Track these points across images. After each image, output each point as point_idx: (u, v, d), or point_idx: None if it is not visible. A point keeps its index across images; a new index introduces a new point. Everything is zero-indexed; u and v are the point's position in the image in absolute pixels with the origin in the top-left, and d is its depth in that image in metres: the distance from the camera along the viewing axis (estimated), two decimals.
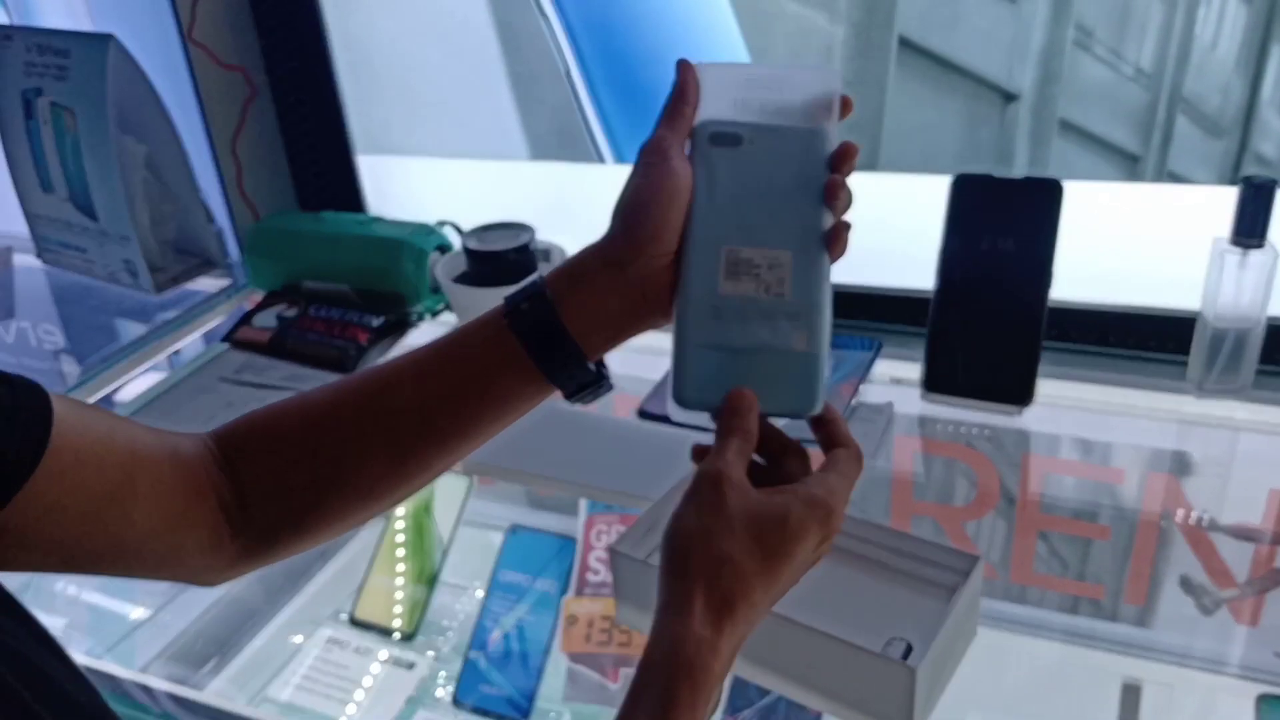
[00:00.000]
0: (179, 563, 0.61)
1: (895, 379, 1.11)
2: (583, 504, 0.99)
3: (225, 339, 1.27)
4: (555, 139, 1.25)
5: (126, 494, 0.57)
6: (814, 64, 1.14)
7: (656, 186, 0.58)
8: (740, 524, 0.53)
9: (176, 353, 1.31)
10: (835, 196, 0.57)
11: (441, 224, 1.30)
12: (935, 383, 1.05)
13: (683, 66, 0.61)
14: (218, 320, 1.34)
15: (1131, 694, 0.83)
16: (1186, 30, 0.97)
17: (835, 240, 0.57)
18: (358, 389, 0.63)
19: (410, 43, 1.29)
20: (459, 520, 1.04)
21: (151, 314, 1.35)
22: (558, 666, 0.92)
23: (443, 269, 1.24)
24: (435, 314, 1.29)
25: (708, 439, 0.57)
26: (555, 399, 0.62)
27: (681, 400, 0.57)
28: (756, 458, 0.58)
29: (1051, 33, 1.01)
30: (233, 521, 0.62)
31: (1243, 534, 0.92)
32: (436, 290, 1.27)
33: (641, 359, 0.96)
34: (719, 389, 0.57)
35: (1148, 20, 0.99)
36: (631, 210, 0.59)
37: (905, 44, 1.06)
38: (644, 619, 0.80)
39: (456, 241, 1.28)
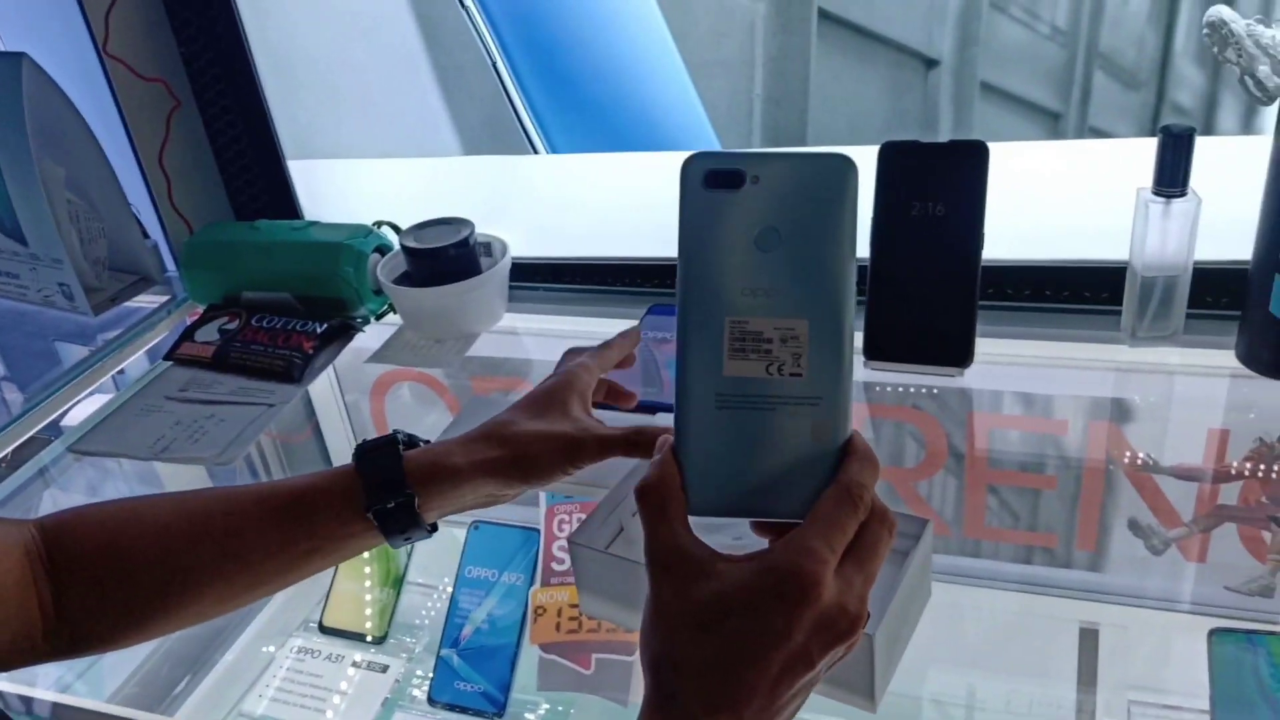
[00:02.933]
0: None
1: None
2: (541, 495, 0.97)
3: (167, 356, 1.21)
4: (486, 131, 1.21)
5: None
6: None
7: (552, 433, 0.63)
8: (688, 616, 0.44)
9: (121, 372, 1.25)
10: None
11: (379, 224, 1.25)
12: (876, 350, 1.03)
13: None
14: (160, 336, 1.29)
15: (1089, 637, 0.83)
16: None
17: None
18: (195, 518, 0.62)
19: (330, 43, 1.23)
20: None
21: (92, 335, 1.29)
22: (530, 658, 0.89)
23: (383, 270, 1.20)
24: (379, 316, 1.24)
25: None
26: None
27: (692, 510, 0.47)
28: None
29: None
30: (48, 622, 0.59)
31: (1185, 474, 0.92)
32: (379, 292, 1.23)
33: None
34: (733, 491, 0.47)
35: None
36: (525, 443, 0.63)
37: (825, 16, 1.03)
38: (607, 608, 0.78)
39: (396, 241, 1.24)
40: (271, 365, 1.15)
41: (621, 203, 1.19)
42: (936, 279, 0.99)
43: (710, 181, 0.46)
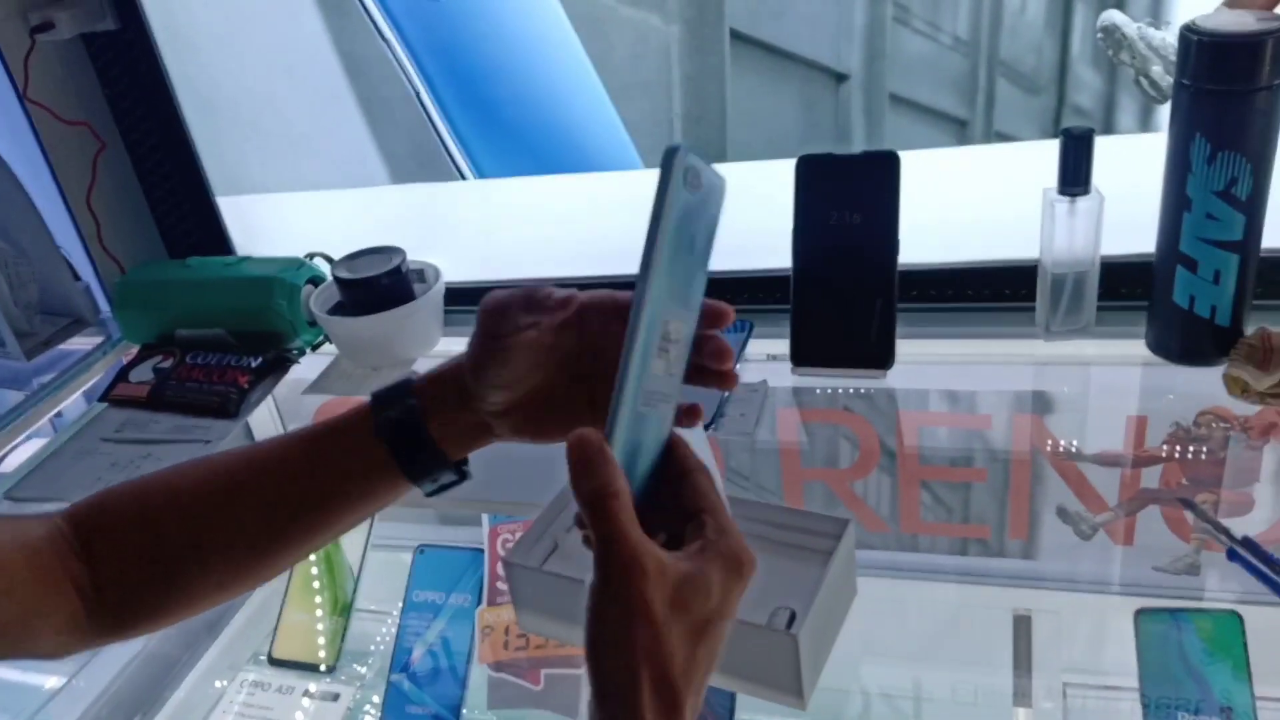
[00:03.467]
0: (32, 647, 0.59)
1: (771, 355, 1.11)
2: (484, 516, 0.97)
3: (102, 398, 1.19)
4: (413, 161, 1.21)
5: None
6: None
7: (514, 349, 0.57)
8: (664, 614, 0.45)
9: (58, 415, 1.23)
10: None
11: (311, 256, 1.24)
12: (802, 356, 1.05)
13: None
14: (96, 378, 1.26)
15: (1023, 623, 0.84)
16: None
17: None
18: (221, 477, 0.61)
19: (254, 80, 1.23)
20: (367, 546, 1.00)
21: (26, 380, 1.27)
22: (481, 677, 0.89)
23: (317, 301, 1.19)
24: (315, 347, 1.23)
25: None
26: None
27: None
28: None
29: (872, 11, 1.02)
30: (88, 605, 0.59)
31: (1108, 460, 0.94)
32: (314, 323, 1.22)
33: None
34: (637, 488, 0.47)
35: None
36: (474, 372, 0.58)
37: (737, 36, 1.05)
38: (546, 624, 0.79)
39: (329, 273, 1.23)
40: (207, 402, 1.13)
41: (550, 224, 1.20)
42: (856, 285, 1.02)
43: (689, 181, 0.47)
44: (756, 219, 1.00)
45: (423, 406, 0.59)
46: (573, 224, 1.18)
